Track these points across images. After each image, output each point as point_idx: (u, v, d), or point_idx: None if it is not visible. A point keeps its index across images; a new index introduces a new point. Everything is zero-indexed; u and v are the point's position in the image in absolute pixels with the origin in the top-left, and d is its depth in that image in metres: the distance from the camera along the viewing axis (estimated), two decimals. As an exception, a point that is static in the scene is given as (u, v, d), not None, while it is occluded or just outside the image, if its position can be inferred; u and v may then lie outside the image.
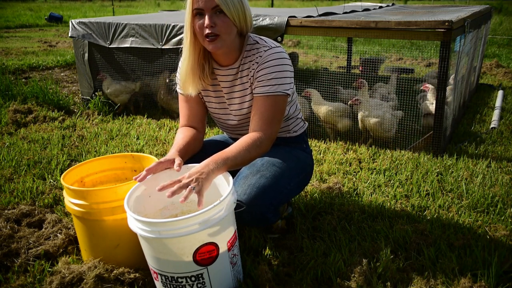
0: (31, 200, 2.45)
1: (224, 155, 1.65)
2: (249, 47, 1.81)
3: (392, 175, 2.81)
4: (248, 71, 1.81)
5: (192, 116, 1.94)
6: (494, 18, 11.98)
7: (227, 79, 1.86)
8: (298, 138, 2.07)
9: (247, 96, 1.85)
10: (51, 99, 4.31)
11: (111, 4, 19.47)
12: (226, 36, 1.68)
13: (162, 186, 1.52)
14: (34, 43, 9.52)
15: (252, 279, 1.73)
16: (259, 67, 1.76)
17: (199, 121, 1.95)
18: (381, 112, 3.36)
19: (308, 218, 2.24)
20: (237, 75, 1.84)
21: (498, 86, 5.38)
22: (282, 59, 1.77)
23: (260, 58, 1.76)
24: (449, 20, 2.89)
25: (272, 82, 1.75)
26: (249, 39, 1.82)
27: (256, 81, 1.78)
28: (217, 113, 1.99)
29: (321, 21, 3.33)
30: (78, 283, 1.66)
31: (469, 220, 2.24)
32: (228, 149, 1.69)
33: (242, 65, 1.82)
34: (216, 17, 1.64)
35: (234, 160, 1.65)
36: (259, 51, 1.78)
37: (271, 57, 1.75)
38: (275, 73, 1.75)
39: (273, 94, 1.75)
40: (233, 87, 1.87)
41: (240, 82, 1.84)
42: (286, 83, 1.77)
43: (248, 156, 1.70)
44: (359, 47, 7.79)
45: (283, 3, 22.61)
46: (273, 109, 1.76)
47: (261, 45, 1.79)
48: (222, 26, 1.65)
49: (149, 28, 3.83)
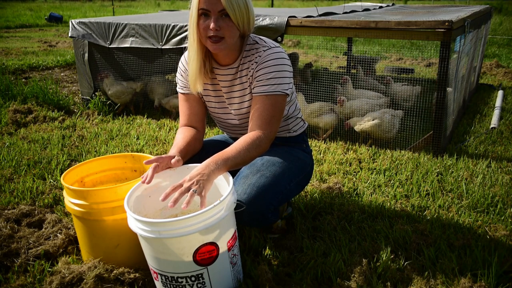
0: (31, 200, 2.45)
1: (225, 155, 1.65)
2: (249, 47, 1.81)
3: (392, 175, 2.81)
4: (247, 71, 1.82)
5: (192, 115, 1.94)
6: (494, 18, 11.98)
7: (226, 79, 1.87)
8: (298, 138, 2.07)
9: (246, 96, 1.86)
10: (51, 99, 4.31)
11: (111, 4, 19.48)
12: (229, 40, 1.70)
13: (165, 195, 1.51)
14: (34, 43, 9.52)
15: (252, 279, 1.73)
16: (258, 66, 1.77)
17: (199, 120, 1.96)
18: (378, 113, 3.37)
19: (308, 218, 2.24)
20: (236, 75, 1.85)
21: (498, 86, 5.38)
22: (281, 59, 1.77)
23: (259, 58, 1.77)
24: (449, 20, 2.89)
25: (271, 82, 1.75)
26: (249, 39, 1.83)
27: (255, 80, 1.78)
28: (217, 112, 1.99)
29: (321, 21, 3.33)
30: (78, 283, 1.66)
31: (469, 220, 2.24)
32: (228, 149, 1.69)
33: (241, 64, 1.83)
34: (222, 20, 1.66)
35: (234, 160, 1.66)
36: (258, 51, 1.78)
37: (270, 57, 1.76)
38: (274, 73, 1.75)
39: (272, 93, 1.75)
40: (232, 86, 1.87)
41: (239, 81, 1.85)
42: (285, 82, 1.77)
43: (248, 156, 1.70)
44: (359, 47, 7.79)
45: (283, 3, 22.62)
46: (272, 108, 1.76)
47: (261, 45, 1.80)
48: (227, 29, 1.67)
49: (149, 28, 3.83)
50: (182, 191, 1.50)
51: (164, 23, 3.77)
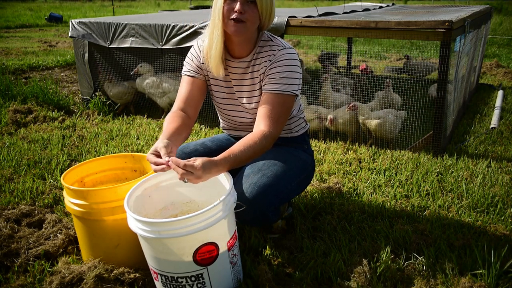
0: (31, 200, 2.45)
1: (233, 152, 1.63)
2: (263, 43, 1.84)
3: (392, 175, 2.81)
4: (259, 67, 1.84)
5: (189, 99, 1.90)
6: (494, 18, 11.98)
7: (237, 72, 1.88)
8: (299, 139, 2.08)
9: (256, 91, 1.87)
10: (51, 99, 4.31)
11: (111, 4, 19.47)
12: (250, 25, 1.73)
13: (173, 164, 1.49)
14: (34, 43, 9.52)
15: (252, 279, 1.73)
16: (272, 65, 1.79)
17: (194, 106, 1.91)
18: (382, 113, 3.37)
19: (308, 218, 2.24)
20: (247, 69, 1.86)
21: (498, 86, 5.38)
22: (294, 60, 1.81)
23: (274, 56, 1.80)
24: (449, 20, 2.89)
25: (283, 81, 1.77)
26: (264, 36, 1.86)
27: (267, 78, 1.80)
28: (225, 104, 1.99)
29: (321, 21, 3.33)
30: (78, 283, 1.66)
31: (469, 220, 2.24)
32: (236, 147, 1.67)
33: (254, 59, 1.85)
34: (247, 5, 1.70)
35: (240, 157, 1.64)
36: (273, 49, 1.81)
37: (285, 57, 1.79)
38: (287, 73, 1.78)
39: (282, 92, 1.77)
40: (242, 80, 1.89)
41: (250, 76, 1.87)
42: (295, 84, 1.80)
43: (254, 154, 1.70)
44: (359, 47, 7.79)
45: (283, 3, 22.62)
46: (281, 108, 1.78)
47: (275, 44, 1.83)
48: (251, 15, 1.71)
49: (149, 28, 3.83)
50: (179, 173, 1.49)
51: (164, 23, 3.77)
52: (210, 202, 1.48)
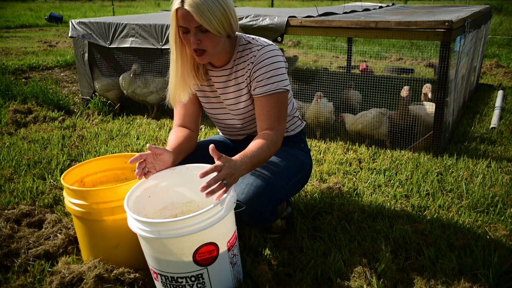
0: (31, 200, 2.45)
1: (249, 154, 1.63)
2: (241, 47, 1.83)
3: (392, 175, 2.81)
4: (243, 71, 1.82)
5: (186, 116, 1.95)
6: (494, 18, 11.98)
7: (220, 80, 1.88)
8: (295, 137, 2.08)
9: (242, 96, 1.87)
10: (51, 99, 4.31)
11: (111, 4, 19.48)
12: (212, 50, 1.69)
13: (205, 172, 1.47)
14: (34, 43, 9.52)
15: (252, 279, 1.73)
16: (255, 67, 1.78)
17: (193, 121, 1.96)
18: (365, 112, 3.40)
19: (308, 218, 2.24)
20: (230, 76, 1.86)
21: (498, 86, 5.38)
22: (276, 57, 1.79)
23: (255, 57, 1.78)
24: (449, 20, 2.89)
25: (271, 81, 1.77)
26: (241, 40, 1.84)
27: (255, 81, 1.79)
28: (215, 113, 2.00)
29: (321, 21, 3.33)
30: (78, 283, 1.66)
31: (469, 220, 2.24)
32: (249, 149, 1.67)
33: (235, 65, 1.84)
34: (201, 34, 1.64)
35: (258, 158, 1.65)
36: (252, 50, 1.80)
37: (266, 55, 1.77)
38: (273, 71, 1.77)
39: (274, 91, 1.77)
40: (226, 88, 1.89)
41: (234, 82, 1.86)
42: (284, 79, 1.80)
43: (268, 154, 1.70)
44: (359, 47, 7.79)
45: (283, 3, 22.61)
46: (278, 106, 1.78)
47: (254, 45, 1.81)
48: (207, 42, 1.66)
49: (149, 28, 3.83)
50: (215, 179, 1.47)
51: (164, 23, 3.77)
52: (210, 202, 1.48)
